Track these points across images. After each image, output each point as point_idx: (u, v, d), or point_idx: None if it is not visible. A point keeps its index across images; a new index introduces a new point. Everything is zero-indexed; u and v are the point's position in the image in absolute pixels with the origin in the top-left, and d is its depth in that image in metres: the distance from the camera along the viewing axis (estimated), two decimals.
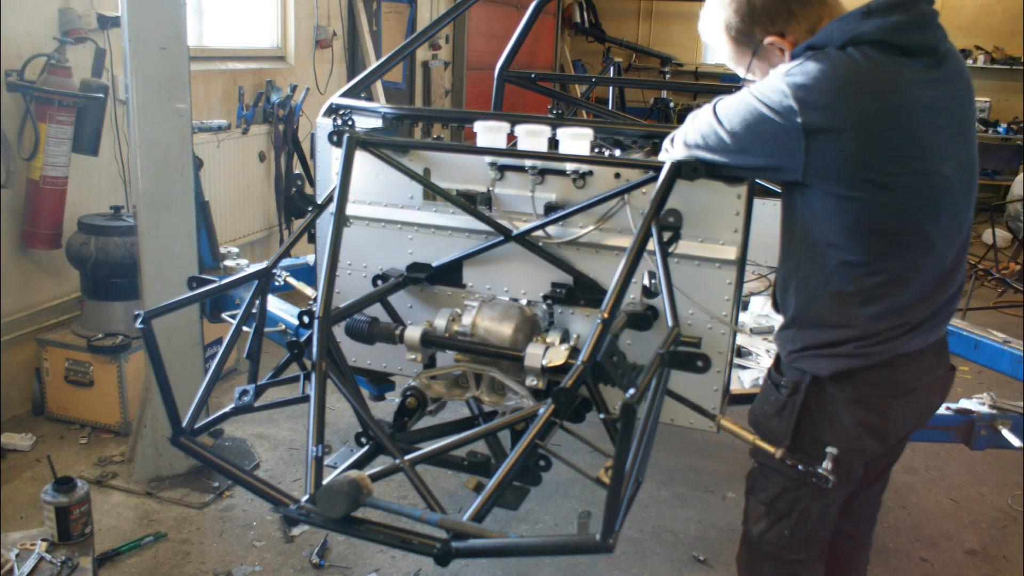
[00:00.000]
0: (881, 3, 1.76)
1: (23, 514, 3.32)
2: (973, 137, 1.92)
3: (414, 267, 2.68)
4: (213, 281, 2.42)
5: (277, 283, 3.40)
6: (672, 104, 7.29)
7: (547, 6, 5.46)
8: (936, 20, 1.82)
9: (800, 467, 2.32)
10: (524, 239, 2.48)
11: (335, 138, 2.58)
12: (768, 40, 1.89)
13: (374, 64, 3.63)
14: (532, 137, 2.59)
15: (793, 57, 1.85)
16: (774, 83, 1.79)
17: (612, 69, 5.63)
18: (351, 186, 2.46)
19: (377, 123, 2.84)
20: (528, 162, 2.48)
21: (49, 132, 3.84)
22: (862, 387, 1.92)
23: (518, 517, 3.44)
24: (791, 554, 2.09)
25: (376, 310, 2.63)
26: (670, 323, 2.01)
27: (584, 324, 2.51)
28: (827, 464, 2.28)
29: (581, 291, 2.51)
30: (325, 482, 1.79)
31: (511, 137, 2.72)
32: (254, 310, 2.55)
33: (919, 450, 4.16)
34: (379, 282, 2.70)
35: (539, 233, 2.49)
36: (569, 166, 2.43)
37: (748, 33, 1.92)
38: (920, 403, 2.04)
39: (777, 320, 2.09)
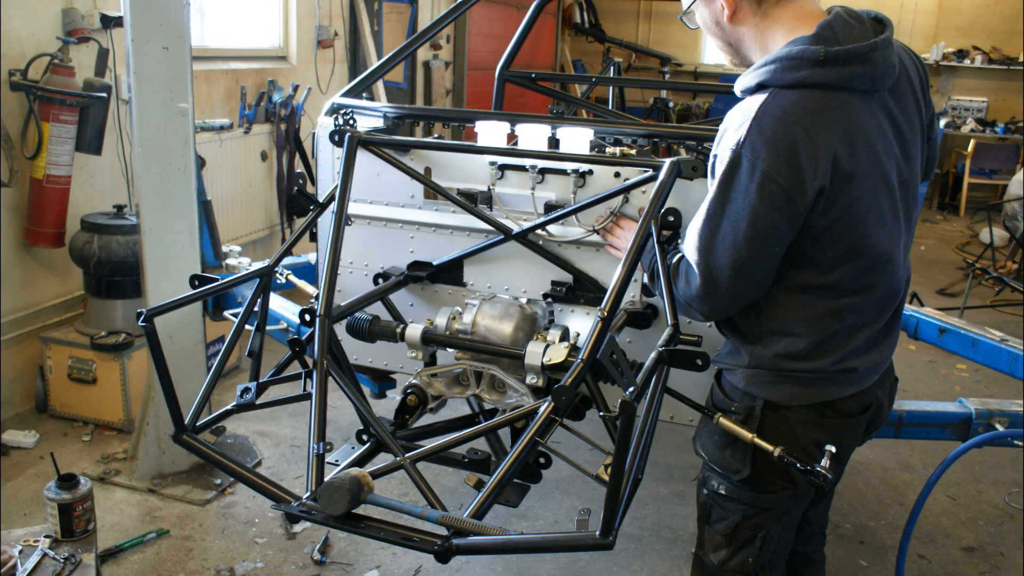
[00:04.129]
0: (840, 53, 1.65)
1: (26, 511, 3.34)
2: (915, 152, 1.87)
3: (415, 265, 2.70)
4: (215, 279, 2.43)
5: (279, 281, 3.42)
6: (672, 104, 7.30)
7: (547, 6, 5.48)
8: (892, 61, 1.73)
9: (799, 465, 2.34)
10: (524, 238, 2.50)
11: (336, 137, 2.60)
12: None
13: (375, 64, 3.64)
14: (532, 136, 2.61)
15: (742, 92, 1.78)
16: (742, 171, 1.67)
17: (612, 69, 5.63)
18: (352, 185, 2.48)
19: (378, 122, 2.86)
20: (528, 161, 2.49)
21: (52, 131, 3.85)
22: (820, 408, 1.88)
23: (518, 514, 3.45)
24: None
25: (377, 308, 2.65)
26: (670, 321, 2.02)
27: (584, 322, 2.53)
28: (825, 462, 2.30)
29: (581, 289, 2.53)
30: (326, 479, 1.81)
31: (512, 136, 2.74)
32: (256, 308, 2.56)
33: (917, 448, 4.18)
34: (380, 280, 2.72)
35: (539, 232, 2.51)
36: (569, 165, 2.45)
37: None
38: (872, 416, 2.00)
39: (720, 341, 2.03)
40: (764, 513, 1.96)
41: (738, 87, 1.81)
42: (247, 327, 2.54)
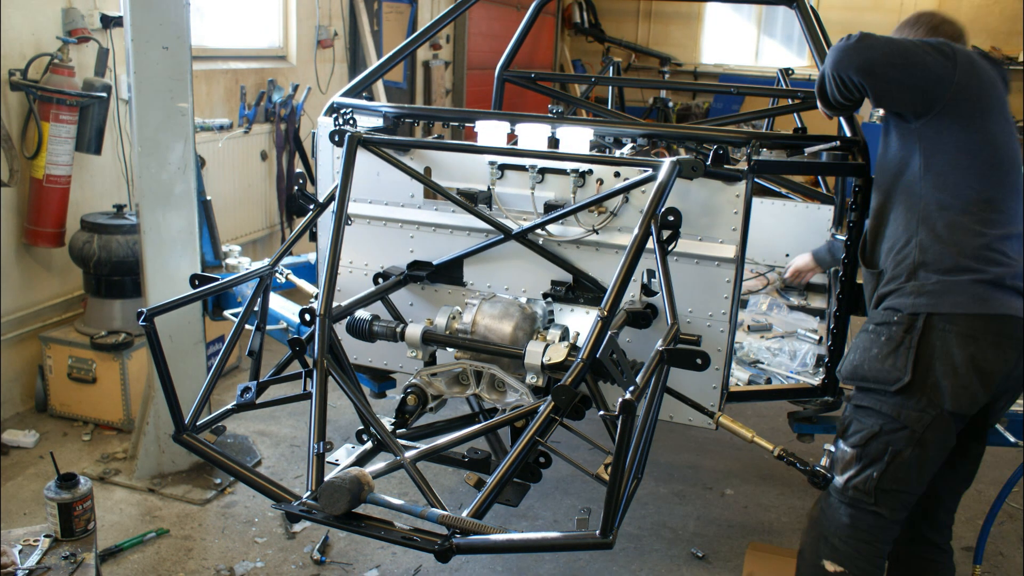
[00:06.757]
0: None
1: (26, 510, 3.34)
2: None
3: (415, 265, 2.70)
4: (215, 279, 2.44)
5: (279, 281, 3.42)
6: (671, 104, 7.31)
7: (547, 6, 5.48)
8: None
9: (798, 466, 2.34)
10: (524, 237, 2.50)
11: (336, 137, 2.60)
12: None
13: (375, 64, 3.65)
14: (532, 136, 2.61)
15: None
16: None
17: (611, 69, 5.64)
18: (352, 185, 2.48)
19: (378, 122, 2.86)
20: (528, 161, 2.50)
21: (52, 131, 3.85)
22: (975, 322, 2.02)
23: (518, 514, 3.46)
24: (872, 504, 2.12)
25: (377, 308, 2.65)
26: (669, 321, 2.02)
27: (584, 322, 2.53)
28: (824, 461, 2.30)
29: (581, 289, 2.53)
30: (327, 479, 1.81)
31: (511, 136, 2.74)
32: (256, 308, 2.57)
33: None
34: (380, 280, 2.72)
35: (539, 232, 2.51)
36: (569, 165, 2.45)
37: None
38: None
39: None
40: (900, 431, 2.08)
41: None
42: (247, 327, 2.55)
